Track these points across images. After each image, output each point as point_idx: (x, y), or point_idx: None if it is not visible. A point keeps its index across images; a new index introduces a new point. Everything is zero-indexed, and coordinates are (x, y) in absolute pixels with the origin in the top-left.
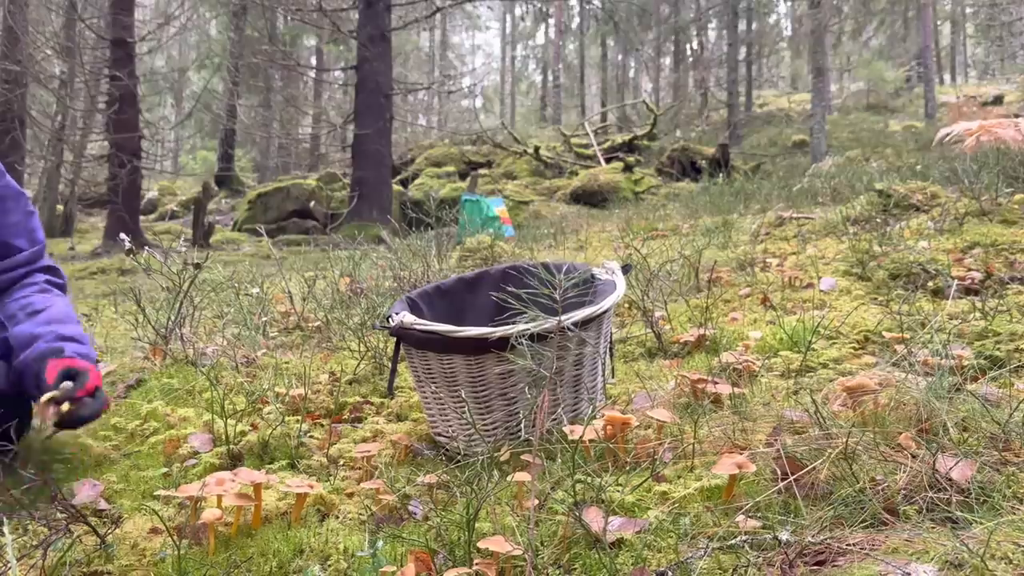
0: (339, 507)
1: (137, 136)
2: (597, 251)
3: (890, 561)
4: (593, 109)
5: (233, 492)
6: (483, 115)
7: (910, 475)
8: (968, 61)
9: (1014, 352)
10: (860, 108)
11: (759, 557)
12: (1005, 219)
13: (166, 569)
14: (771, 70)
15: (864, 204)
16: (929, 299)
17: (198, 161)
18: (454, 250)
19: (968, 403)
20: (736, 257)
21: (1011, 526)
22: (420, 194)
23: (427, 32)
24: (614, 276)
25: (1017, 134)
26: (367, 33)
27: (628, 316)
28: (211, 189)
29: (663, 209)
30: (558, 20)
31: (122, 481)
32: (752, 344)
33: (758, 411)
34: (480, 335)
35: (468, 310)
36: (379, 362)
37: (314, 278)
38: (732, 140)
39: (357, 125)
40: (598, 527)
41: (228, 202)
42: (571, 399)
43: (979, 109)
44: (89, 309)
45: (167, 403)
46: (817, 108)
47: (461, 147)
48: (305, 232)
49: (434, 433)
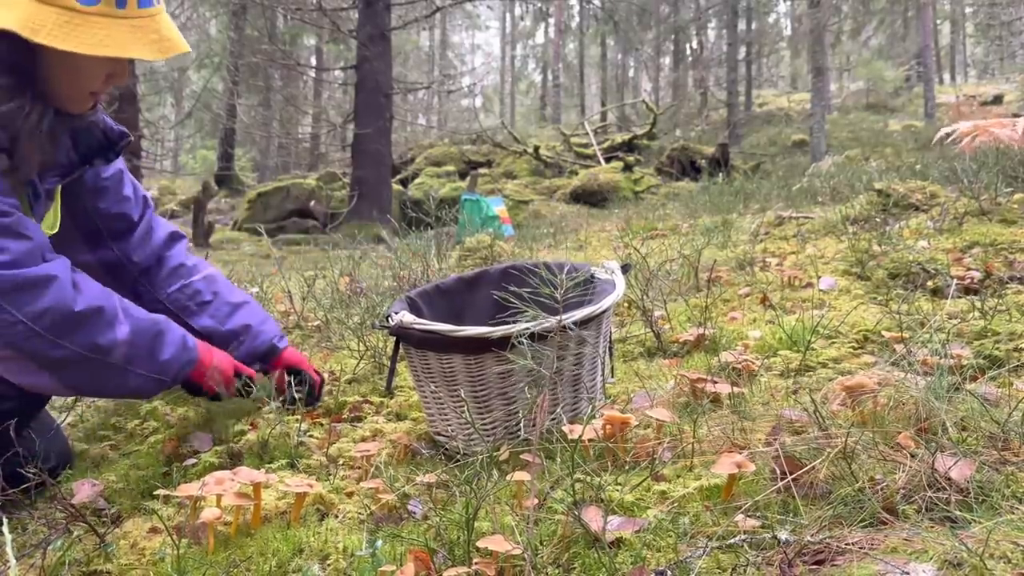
0: (338, 506)
1: (137, 135)
2: (596, 251)
3: (889, 560)
4: (593, 108)
5: (232, 491)
6: (483, 114)
7: (909, 474)
8: (968, 61)
9: (1013, 351)
10: (860, 108)
11: (758, 556)
12: (1004, 219)
13: (165, 568)
14: (771, 69)
15: (863, 204)
16: (928, 298)
17: (198, 160)
18: (454, 249)
19: (967, 402)
20: (735, 257)
21: (1010, 525)
22: (420, 193)
23: (427, 31)
24: (614, 276)
25: (1015, 133)
26: (367, 32)
27: (627, 315)
28: (211, 188)
29: (663, 209)
30: (558, 19)
31: (121, 480)
32: (751, 343)
33: (757, 410)
34: (479, 334)
35: (468, 309)
36: (378, 361)
37: (314, 277)
38: (732, 139)
39: (357, 124)
40: (597, 526)
41: (228, 201)
42: (571, 398)
43: (978, 109)
44: None
45: (167, 402)
46: (817, 108)
47: (461, 146)
48: (305, 231)
49: (433, 432)
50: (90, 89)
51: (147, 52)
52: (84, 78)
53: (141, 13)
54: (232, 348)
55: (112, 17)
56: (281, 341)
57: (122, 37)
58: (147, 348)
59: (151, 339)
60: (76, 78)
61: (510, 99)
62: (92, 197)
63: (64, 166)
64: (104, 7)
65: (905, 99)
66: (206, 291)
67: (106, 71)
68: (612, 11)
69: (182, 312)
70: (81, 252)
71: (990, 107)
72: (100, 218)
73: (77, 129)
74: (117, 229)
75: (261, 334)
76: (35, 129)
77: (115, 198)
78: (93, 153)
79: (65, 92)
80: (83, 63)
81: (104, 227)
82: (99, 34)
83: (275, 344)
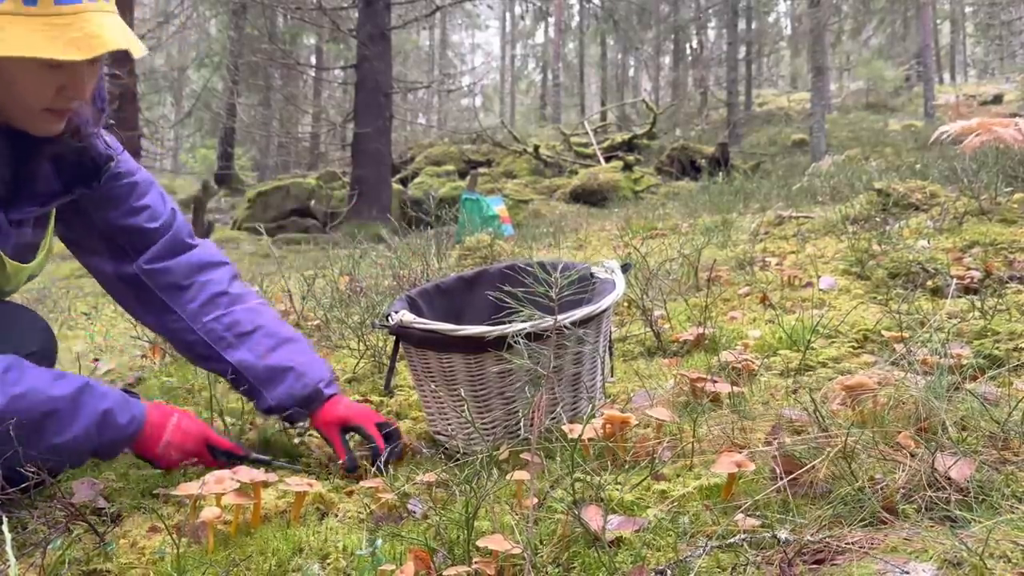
0: (338, 506)
1: (137, 135)
2: (596, 250)
3: (889, 560)
4: (593, 108)
5: (232, 491)
6: (483, 114)
7: (909, 474)
8: (967, 60)
9: (1013, 351)
10: (859, 107)
11: (758, 556)
12: (1004, 218)
13: (165, 567)
14: (771, 69)
15: (863, 203)
16: (928, 298)
17: (198, 160)
18: (453, 249)
19: (967, 402)
20: (735, 256)
21: (1010, 525)
22: (420, 193)
23: (427, 31)
24: (613, 275)
25: (1017, 133)
26: (367, 32)
27: (627, 315)
28: (211, 188)
29: (662, 208)
30: (558, 19)
31: (121, 480)
32: (751, 343)
33: (757, 410)
34: (479, 334)
35: (467, 309)
36: (378, 361)
37: (313, 277)
38: (732, 139)
39: (357, 124)
40: (597, 526)
41: (228, 201)
42: (570, 398)
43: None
44: (88, 308)
45: (166, 402)
46: (816, 107)
47: (461, 146)
48: (305, 231)
49: (433, 432)
50: (39, 105)
51: (61, 51)
52: (24, 90)
53: (60, 11)
54: (269, 387)
55: (20, 15)
56: (329, 387)
57: (28, 36)
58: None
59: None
60: (14, 90)
61: (510, 99)
62: (100, 206)
63: (43, 195)
64: (9, 4)
65: (905, 99)
66: (247, 322)
67: (55, 82)
68: (612, 10)
69: (217, 344)
70: (104, 263)
71: (990, 107)
72: (112, 228)
73: (59, 155)
74: (133, 241)
75: (305, 376)
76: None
77: (127, 208)
78: (76, 181)
79: (13, 110)
80: (17, 72)
81: (120, 238)
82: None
83: (320, 389)
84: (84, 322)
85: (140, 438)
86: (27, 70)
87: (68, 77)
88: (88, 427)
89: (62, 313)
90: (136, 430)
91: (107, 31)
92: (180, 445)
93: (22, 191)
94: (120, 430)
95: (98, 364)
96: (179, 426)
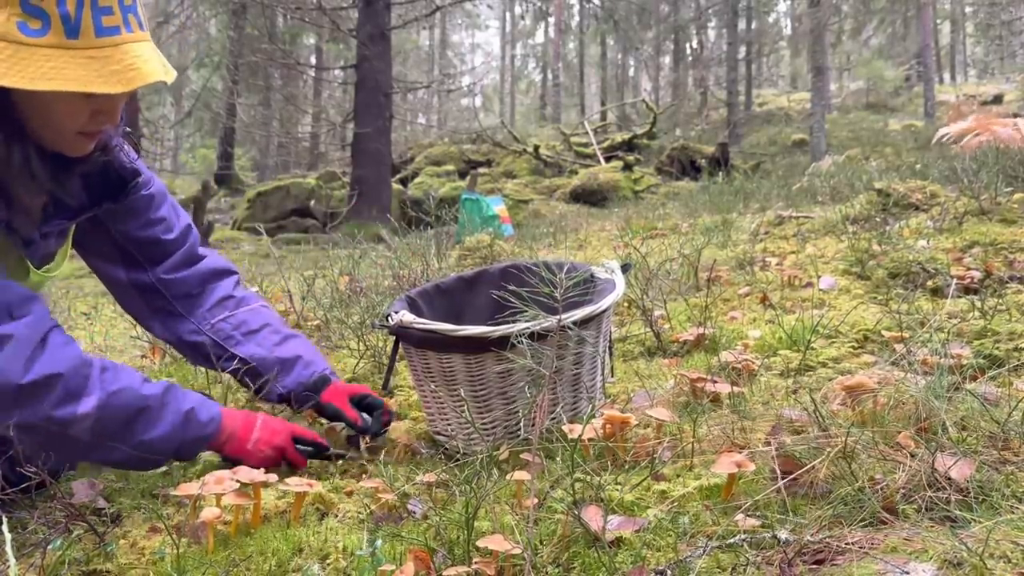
0: (338, 506)
1: (137, 135)
2: (596, 250)
3: (889, 560)
4: (593, 108)
5: (232, 491)
6: (483, 114)
7: (909, 474)
8: (968, 60)
9: (1013, 351)
10: (860, 107)
11: (758, 556)
12: (1004, 218)
13: (165, 568)
14: (771, 69)
15: (863, 203)
16: (928, 298)
17: (197, 160)
18: (453, 249)
19: (967, 402)
20: (735, 256)
21: (1010, 525)
22: (420, 193)
23: (427, 31)
24: (613, 275)
25: (1016, 133)
26: (367, 32)
27: (627, 315)
28: (211, 188)
29: (662, 208)
30: (558, 19)
31: (121, 480)
32: (751, 343)
33: (757, 410)
34: (479, 334)
35: (467, 309)
36: (378, 361)
37: (313, 277)
38: (732, 139)
39: (357, 124)
40: (597, 526)
41: (227, 201)
42: (570, 398)
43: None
44: (88, 307)
45: None
46: (817, 107)
47: (461, 146)
48: (305, 231)
49: (433, 432)
50: (74, 129)
51: (102, 85)
52: (60, 116)
53: (101, 43)
54: (280, 375)
55: (62, 48)
56: (333, 375)
57: (73, 70)
58: (122, 423)
59: (131, 414)
60: (50, 117)
61: (510, 98)
62: (119, 218)
63: (72, 210)
64: (52, 38)
65: (905, 99)
66: (253, 321)
67: (89, 108)
68: (612, 10)
69: (226, 342)
70: (117, 270)
71: (990, 107)
72: (128, 240)
73: (88, 173)
74: (150, 252)
75: (312, 363)
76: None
77: (144, 220)
78: (104, 195)
79: (46, 133)
80: (53, 100)
81: (135, 249)
82: (44, 67)
83: (326, 375)
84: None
85: (231, 438)
86: (64, 99)
87: (103, 103)
88: (175, 424)
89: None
90: (215, 430)
91: (144, 63)
92: (269, 440)
93: (56, 206)
94: (201, 427)
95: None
96: (267, 423)
